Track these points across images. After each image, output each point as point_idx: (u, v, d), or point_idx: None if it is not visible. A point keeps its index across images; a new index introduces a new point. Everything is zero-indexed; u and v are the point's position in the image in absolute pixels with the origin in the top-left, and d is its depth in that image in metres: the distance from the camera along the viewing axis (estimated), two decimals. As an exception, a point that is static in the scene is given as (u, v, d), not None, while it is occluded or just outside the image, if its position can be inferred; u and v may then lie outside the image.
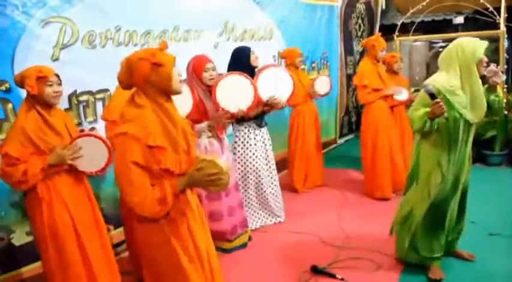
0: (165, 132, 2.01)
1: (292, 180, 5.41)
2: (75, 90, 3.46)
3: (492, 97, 3.07)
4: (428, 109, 2.91)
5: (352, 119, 8.39)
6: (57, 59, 3.26)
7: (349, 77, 7.97)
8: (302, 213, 4.66)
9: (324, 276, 3.35)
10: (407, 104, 5.10)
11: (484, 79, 3.02)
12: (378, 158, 4.92)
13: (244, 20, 5.12)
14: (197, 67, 3.51)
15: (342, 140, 8.01)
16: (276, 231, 4.27)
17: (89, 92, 3.58)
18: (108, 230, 3.57)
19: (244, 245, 3.95)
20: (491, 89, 3.08)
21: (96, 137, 2.81)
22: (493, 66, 3.05)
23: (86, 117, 3.57)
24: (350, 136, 8.31)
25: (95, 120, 3.61)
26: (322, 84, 5.30)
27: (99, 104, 3.64)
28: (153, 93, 2.01)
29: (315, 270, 3.39)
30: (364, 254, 3.67)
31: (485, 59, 2.97)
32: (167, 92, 2.05)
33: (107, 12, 3.61)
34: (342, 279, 3.25)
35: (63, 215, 2.67)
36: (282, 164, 5.36)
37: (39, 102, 2.61)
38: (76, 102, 3.50)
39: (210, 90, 3.54)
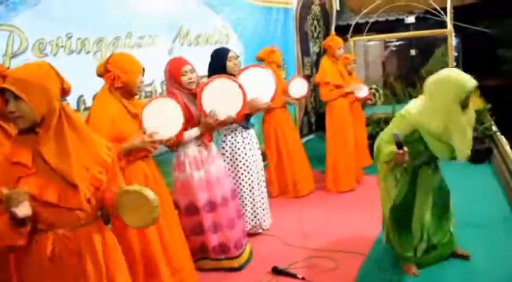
0: (38, 159, 1.79)
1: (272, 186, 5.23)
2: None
3: None
4: (394, 151, 2.82)
5: (312, 119, 8.48)
6: (7, 69, 3.18)
7: (306, 78, 8.03)
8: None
9: (285, 276, 3.40)
10: (365, 101, 5.36)
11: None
12: (342, 152, 5.09)
13: (198, 24, 5.12)
14: (174, 72, 3.33)
15: (303, 141, 8.08)
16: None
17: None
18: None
19: (250, 257, 3.76)
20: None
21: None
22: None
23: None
24: (311, 136, 8.40)
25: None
26: (298, 86, 5.08)
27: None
28: None
29: (276, 271, 3.43)
30: (324, 252, 3.74)
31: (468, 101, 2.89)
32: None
33: (57, 19, 3.54)
34: (303, 278, 3.31)
35: None
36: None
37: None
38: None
39: (192, 93, 3.36)
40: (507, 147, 5.20)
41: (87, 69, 3.33)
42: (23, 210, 1.66)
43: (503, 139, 5.62)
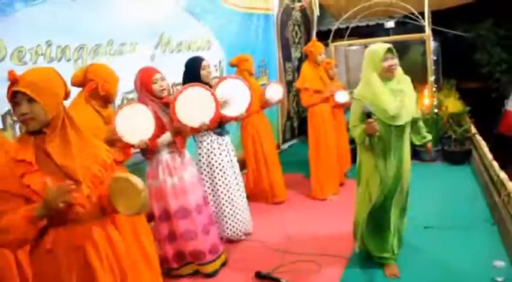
0: (41, 157, 1.89)
1: (259, 192, 5.24)
2: (10, 109, 3.35)
3: None
4: (364, 126, 3.04)
5: (294, 124, 8.53)
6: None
7: (288, 83, 8.12)
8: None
9: (269, 281, 3.42)
10: (347, 106, 5.36)
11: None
12: (324, 158, 5.11)
13: (180, 31, 5.13)
14: (145, 81, 3.34)
15: (286, 146, 8.13)
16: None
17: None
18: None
19: (223, 264, 3.78)
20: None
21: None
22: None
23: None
24: (293, 141, 8.45)
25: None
26: (273, 92, 5.08)
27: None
28: None
29: (259, 276, 3.45)
30: (307, 256, 3.77)
31: (388, 64, 3.09)
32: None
33: (36, 27, 3.52)
34: (286, 282, 3.33)
35: None
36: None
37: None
38: (11, 121, 3.39)
39: (163, 102, 3.40)
40: (486, 149, 5.30)
41: (68, 77, 3.32)
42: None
43: (481, 141, 5.72)
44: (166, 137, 3.38)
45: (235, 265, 3.80)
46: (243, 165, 4.99)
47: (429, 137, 3.56)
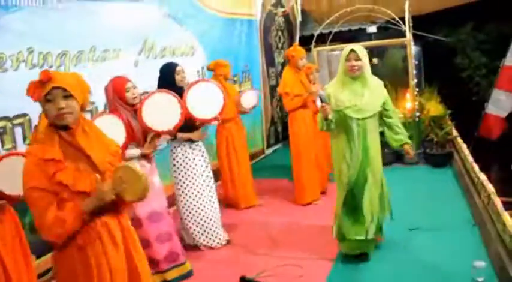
0: (67, 153, 2.01)
1: (233, 197, 5.28)
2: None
3: None
4: None
5: (279, 129, 8.57)
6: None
7: (272, 88, 8.16)
8: (230, 225, 4.66)
9: (254, 285, 3.43)
10: None
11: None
12: (305, 163, 5.11)
13: (163, 36, 5.14)
14: (118, 89, 3.39)
15: (270, 150, 8.16)
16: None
17: (6, 118, 3.43)
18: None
19: (185, 276, 3.74)
20: None
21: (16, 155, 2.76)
22: None
23: (3, 145, 3.41)
24: (277, 146, 8.48)
25: (14, 147, 3.48)
26: (249, 98, 5.26)
27: (18, 130, 3.51)
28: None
29: (244, 280, 3.45)
30: (292, 260, 3.79)
31: (349, 64, 3.44)
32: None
33: (17, 33, 3.50)
34: (271, 286, 3.34)
35: None
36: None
37: None
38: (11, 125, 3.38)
39: (134, 109, 3.46)
40: (466, 152, 5.38)
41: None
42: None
43: (462, 143, 5.81)
44: (135, 152, 3.42)
45: (219, 270, 3.80)
46: (218, 171, 5.10)
47: (406, 139, 3.73)
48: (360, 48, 3.46)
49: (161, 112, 3.47)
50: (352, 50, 3.42)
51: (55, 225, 1.94)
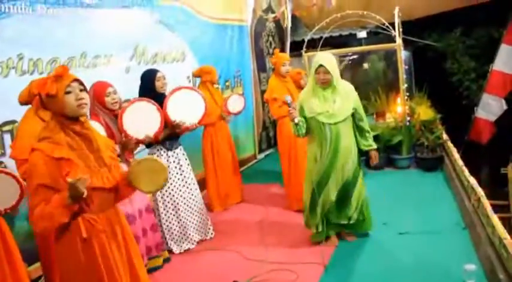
0: (75, 149, 2.11)
1: (209, 199, 5.35)
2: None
3: None
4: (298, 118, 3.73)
5: (270, 134, 8.58)
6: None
7: (263, 94, 8.11)
8: (223, 231, 4.67)
9: (246, 290, 3.43)
10: None
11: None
12: (295, 169, 5.09)
13: (154, 42, 5.15)
14: (98, 93, 3.47)
15: (262, 155, 8.17)
16: (197, 251, 4.29)
17: (-5, 124, 3.44)
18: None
19: (157, 268, 3.91)
20: None
21: (5, 173, 2.75)
22: None
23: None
24: (269, 151, 8.48)
25: (3, 154, 3.48)
26: (235, 103, 5.38)
27: (7, 137, 3.51)
28: (61, 118, 2.13)
29: (236, 285, 3.45)
30: (284, 265, 3.79)
31: (318, 77, 3.71)
32: (69, 117, 2.14)
33: (7, 40, 3.51)
34: (264, 291, 3.35)
35: None
36: (199, 184, 5.21)
37: None
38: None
39: (114, 114, 3.54)
40: (457, 156, 5.42)
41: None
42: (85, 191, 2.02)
43: (453, 147, 5.85)
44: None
45: (212, 275, 3.79)
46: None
47: (373, 145, 4.02)
48: (329, 62, 3.68)
49: (141, 120, 3.58)
50: (320, 65, 3.65)
51: (43, 219, 2.03)
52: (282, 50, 8.66)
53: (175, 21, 5.57)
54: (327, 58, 3.72)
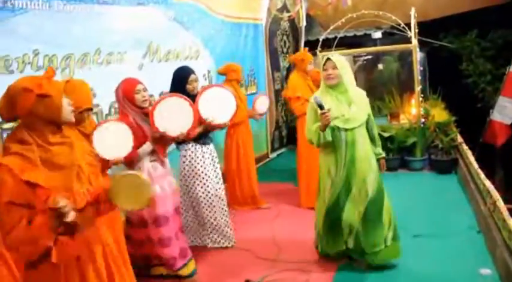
0: (50, 167, 1.88)
1: (241, 199, 5.32)
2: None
3: None
4: (318, 124, 3.32)
5: (283, 133, 8.56)
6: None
7: (277, 93, 8.16)
8: (235, 228, 4.60)
9: (257, 289, 3.42)
10: None
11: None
12: (314, 167, 5.07)
13: (168, 40, 5.14)
14: (127, 91, 3.37)
15: (274, 154, 8.15)
16: (210, 248, 4.28)
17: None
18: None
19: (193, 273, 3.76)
20: None
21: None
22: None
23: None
24: (282, 150, 8.47)
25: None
26: (263, 103, 5.32)
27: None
28: (39, 125, 1.90)
29: (248, 284, 3.44)
30: (296, 264, 3.77)
31: (325, 73, 3.43)
32: (56, 123, 1.96)
33: (22, 36, 3.51)
34: (275, 291, 3.33)
35: None
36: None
37: None
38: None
39: (145, 112, 3.42)
40: (471, 158, 5.36)
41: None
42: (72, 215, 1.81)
43: (467, 150, 5.78)
44: (147, 147, 3.41)
45: (224, 273, 3.78)
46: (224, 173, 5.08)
47: (383, 153, 3.70)
48: (338, 57, 3.45)
49: (173, 116, 3.41)
50: (328, 59, 3.42)
51: (24, 243, 1.81)
52: (296, 49, 8.65)
53: (189, 19, 5.56)
54: (336, 55, 3.52)
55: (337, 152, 3.44)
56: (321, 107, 3.22)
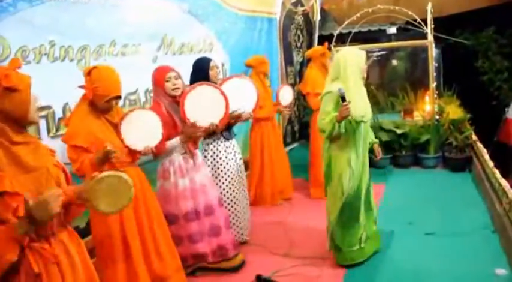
0: (17, 169, 1.73)
1: (260, 195, 5.29)
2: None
3: None
4: (334, 114, 3.28)
5: (295, 128, 8.53)
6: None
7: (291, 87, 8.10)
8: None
9: (269, 284, 3.41)
10: None
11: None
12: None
13: (182, 33, 5.12)
14: (158, 78, 3.36)
15: (287, 149, 8.11)
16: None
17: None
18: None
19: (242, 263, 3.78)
20: None
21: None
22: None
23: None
24: (294, 145, 8.44)
25: (38, 139, 3.50)
26: (287, 94, 5.21)
27: (42, 121, 3.51)
28: (1, 121, 1.72)
29: (260, 279, 3.44)
30: (308, 260, 3.76)
31: (365, 70, 3.48)
32: (20, 122, 1.79)
33: (39, 27, 3.50)
34: (287, 286, 3.32)
35: None
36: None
37: None
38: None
39: (176, 101, 3.36)
40: (486, 156, 5.29)
41: (71, 77, 3.33)
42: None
43: (482, 148, 5.72)
44: (174, 142, 3.36)
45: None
46: (246, 166, 5.02)
47: (376, 140, 3.79)
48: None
49: (205, 106, 3.33)
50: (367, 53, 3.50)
51: None
52: (310, 43, 8.60)
53: (204, 12, 5.53)
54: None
55: (357, 145, 3.45)
56: (343, 98, 3.21)
